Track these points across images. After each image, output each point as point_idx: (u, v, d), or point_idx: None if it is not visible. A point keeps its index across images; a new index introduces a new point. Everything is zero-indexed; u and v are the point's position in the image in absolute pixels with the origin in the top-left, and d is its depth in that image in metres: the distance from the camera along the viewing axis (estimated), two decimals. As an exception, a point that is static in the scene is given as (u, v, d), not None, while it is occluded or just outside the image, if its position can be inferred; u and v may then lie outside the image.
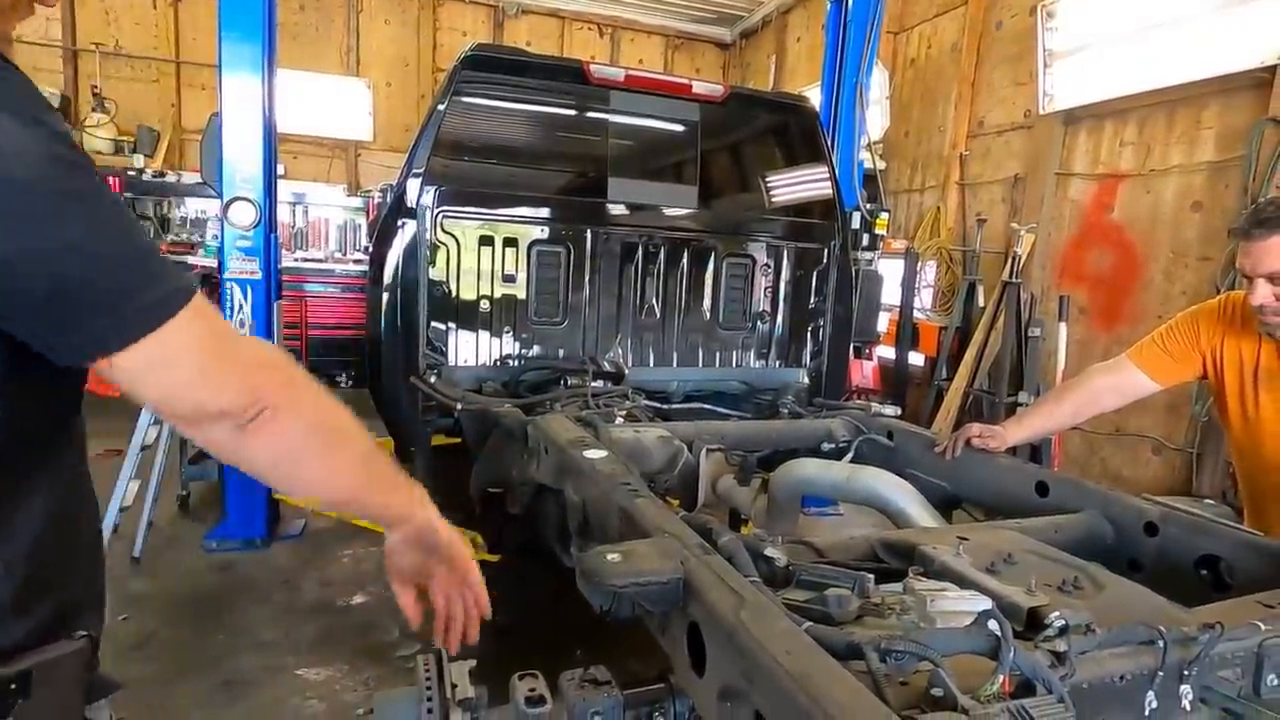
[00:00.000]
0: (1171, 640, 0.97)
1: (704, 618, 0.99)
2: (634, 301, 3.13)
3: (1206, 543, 1.45)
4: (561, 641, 2.82)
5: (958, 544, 1.30)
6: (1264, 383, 1.71)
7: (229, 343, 0.75)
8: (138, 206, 7.05)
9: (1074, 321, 4.68)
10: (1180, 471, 4.12)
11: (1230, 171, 3.91)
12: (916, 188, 6.43)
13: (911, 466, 2.17)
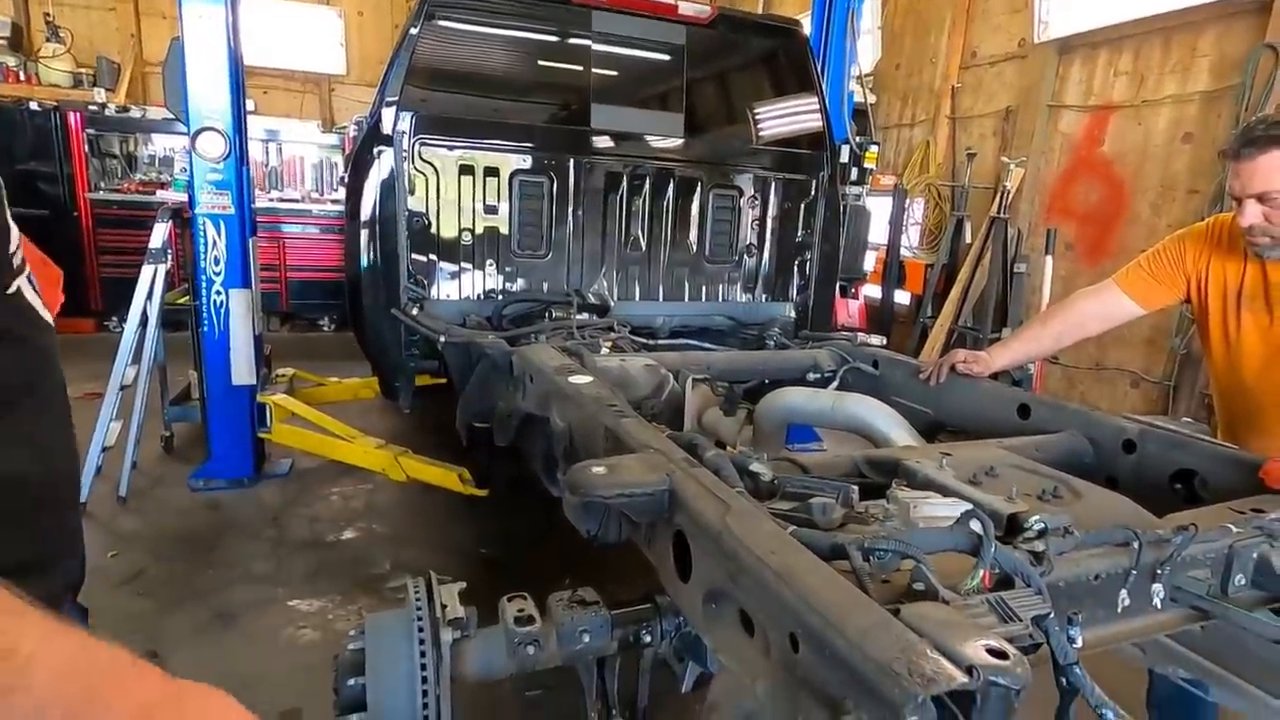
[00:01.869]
0: (1146, 541, 1.00)
1: (689, 524, 0.99)
2: (619, 234, 3.07)
3: (1182, 457, 1.48)
4: (550, 572, 2.87)
5: (941, 459, 1.32)
6: (1246, 304, 1.71)
7: None
8: (102, 144, 6.78)
9: (1060, 257, 4.68)
10: (1157, 403, 4.21)
11: (1223, 101, 3.86)
12: (906, 122, 6.31)
13: (896, 394, 2.19)
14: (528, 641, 1.43)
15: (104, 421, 3.39)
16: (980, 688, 0.64)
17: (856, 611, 0.72)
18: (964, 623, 0.72)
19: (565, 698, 2.02)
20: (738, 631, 0.87)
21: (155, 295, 3.46)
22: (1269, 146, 1.50)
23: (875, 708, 0.63)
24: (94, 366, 4.11)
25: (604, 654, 1.53)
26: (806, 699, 0.71)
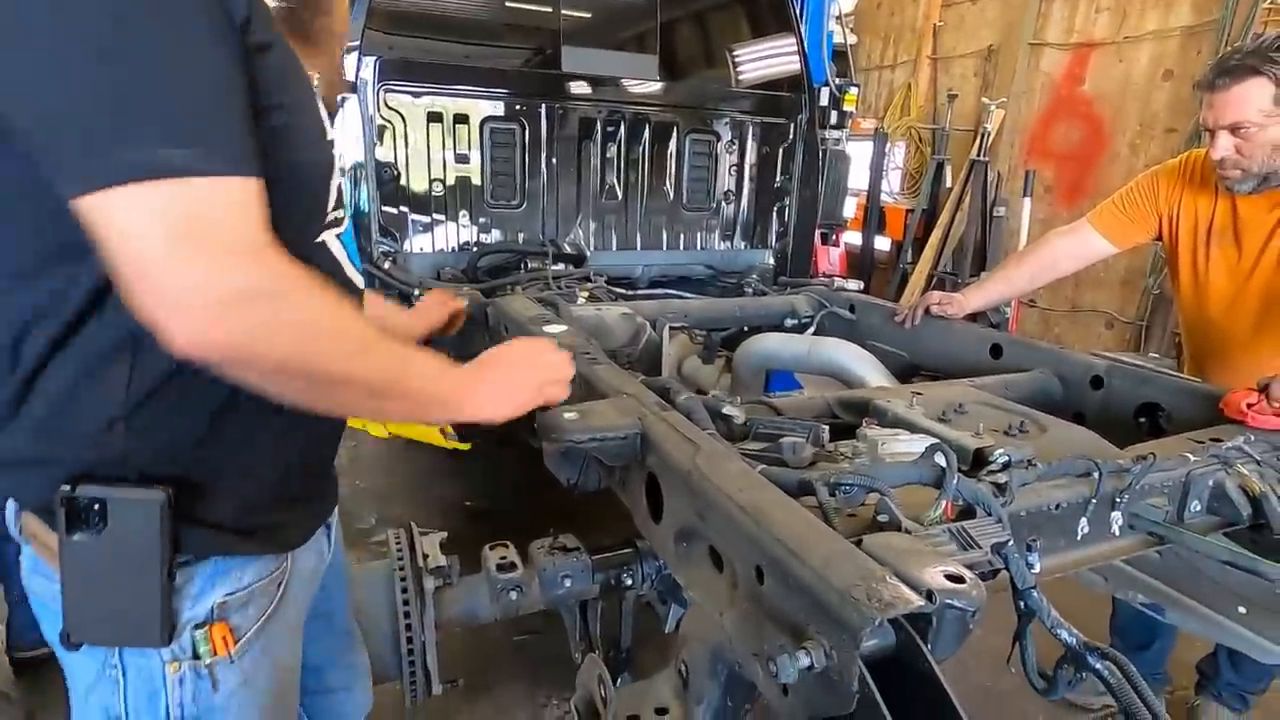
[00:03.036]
0: (1106, 471, 1.02)
1: (660, 466, 1.00)
2: (594, 183, 3.01)
3: (1148, 391, 1.51)
4: (534, 523, 2.91)
5: (911, 398, 1.33)
6: (1216, 239, 1.73)
7: (191, 261, 0.60)
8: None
9: (1038, 200, 4.68)
10: (1130, 343, 4.28)
11: (1204, 37, 3.82)
12: (888, 63, 6.19)
13: (872, 338, 2.20)
14: (510, 587, 1.47)
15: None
16: (937, 611, 0.66)
17: (820, 542, 0.73)
18: (924, 551, 0.74)
19: (553, 641, 2.07)
20: (707, 567, 0.89)
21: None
22: (1243, 76, 1.49)
23: (835, 632, 0.65)
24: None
25: (586, 597, 1.58)
26: (771, 627, 0.73)
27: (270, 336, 0.64)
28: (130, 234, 0.59)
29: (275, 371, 0.66)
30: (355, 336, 0.71)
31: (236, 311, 0.61)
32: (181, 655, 0.76)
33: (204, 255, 0.60)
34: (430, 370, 0.80)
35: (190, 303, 0.60)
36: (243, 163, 0.63)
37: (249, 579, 0.79)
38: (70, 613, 0.72)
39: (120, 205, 0.58)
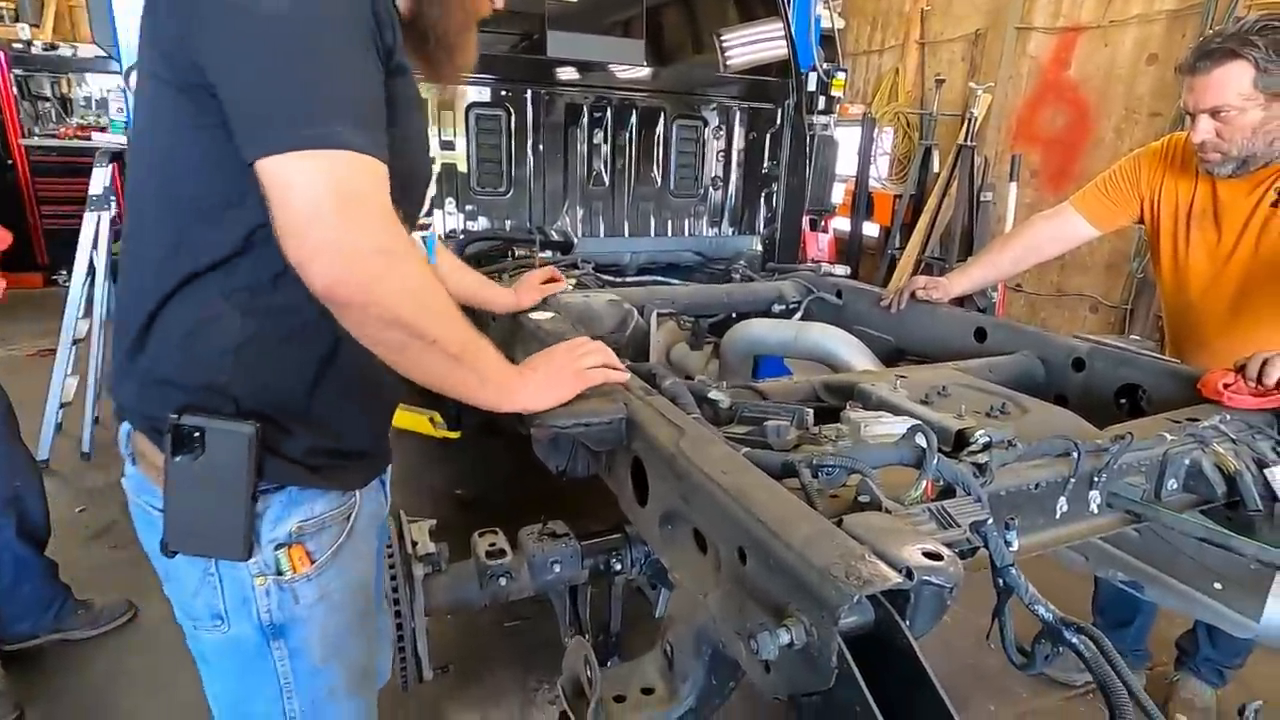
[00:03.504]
0: (1085, 451, 1.04)
1: (645, 450, 1.01)
2: (581, 169, 3.00)
3: (1129, 373, 1.53)
4: (524, 510, 2.91)
5: (895, 381, 1.34)
6: (1196, 222, 1.74)
7: (343, 216, 0.74)
8: (32, 86, 6.37)
9: (1024, 184, 4.70)
10: (1114, 327, 4.32)
11: (1188, 20, 3.84)
12: (876, 48, 6.18)
13: (859, 322, 2.21)
14: (499, 574, 1.47)
15: (59, 377, 3.30)
16: (915, 588, 0.67)
17: (801, 522, 0.74)
18: (904, 529, 0.75)
19: (543, 627, 2.08)
20: (691, 550, 0.89)
21: (101, 245, 3.32)
22: (1223, 59, 1.50)
23: (815, 610, 0.66)
24: (44, 323, 3.96)
25: (576, 583, 1.59)
26: (753, 606, 0.74)
27: (391, 288, 0.78)
28: (302, 189, 0.73)
29: (386, 320, 0.79)
30: (449, 305, 0.86)
31: (372, 262, 0.76)
32: (266, 570, 0.91)
33: (356, 214, 0.75)
34: (494, 355, 0.95)
35: (340, 249, 0.74)
36: (383, 151, 0.79)
37: (320, 509, 0.95)
38: (170, 525, 0.87)
39: (297, 166, 0.73)
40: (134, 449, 0.93)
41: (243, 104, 0.75)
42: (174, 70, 0.79)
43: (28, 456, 2.22)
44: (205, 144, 0.80)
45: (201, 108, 0.78)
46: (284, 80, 0.74)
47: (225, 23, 0.74)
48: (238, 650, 0.94)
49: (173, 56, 0.78)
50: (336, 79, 0.77)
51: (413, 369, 0.86)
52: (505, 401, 0.98)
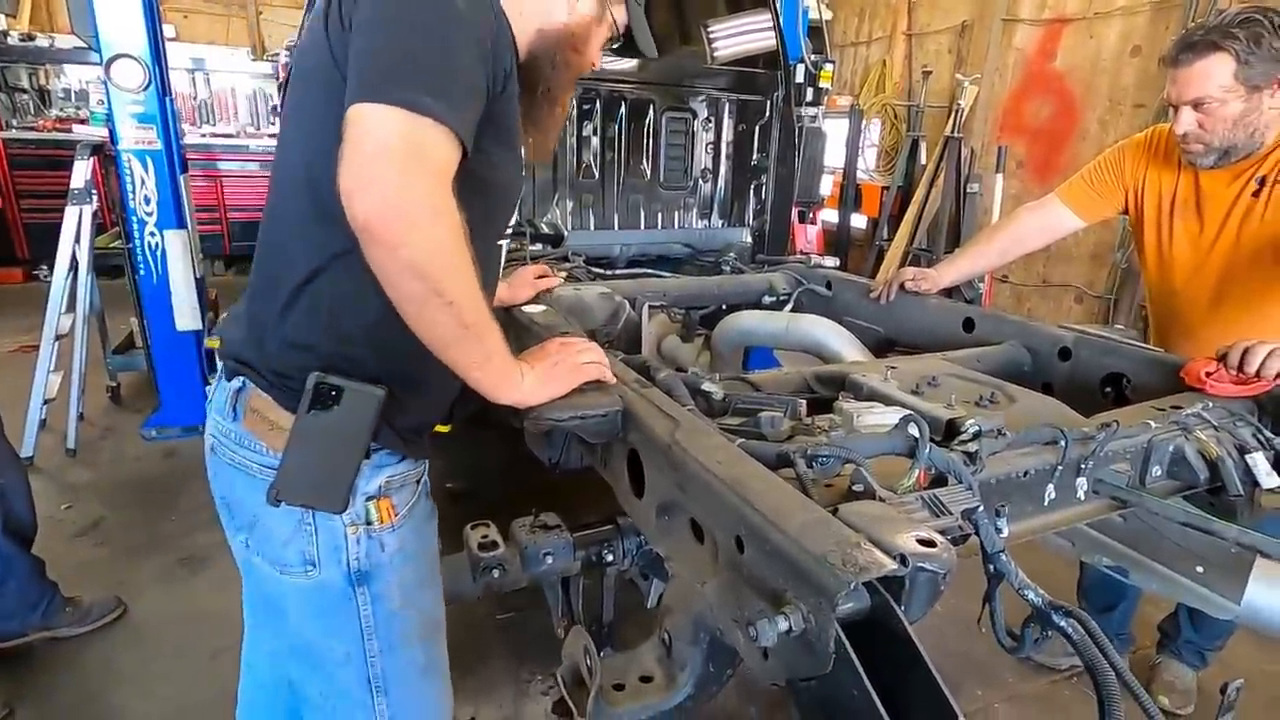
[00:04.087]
0: (1072, 439, 1.06)
1: (641, 441, 1.02)
2: (570, 162, 2.99)
3: (1113, 362, 1.55)
4: (516, 503, 2.91)
5: (886, 371, 1.36)
6: (1179, 212, 1.77)
7: (404, 163, 0.81)
8: (9, 77, 6.26)
9: (1010, 176, 4.74)
10: (1098, 316, 4.38)
11: (1172, 12, 3.87)
12: (863, 39, 6.19)
13: (849, 313, 2.22)
14: (492, 565, 1.48)
15: (42, 373, 3.27)
16: (909, 574, 0.68)
17: (797, 511, 0.75)
18: (897, 517, 0.76)
19: (536, 620, 2.09)
20: (688, 539, 0.90)
21: (83, 239, 3.28)
22: (1206, 51, 1.52)
23: (812, 596, 0.67)
24: (26, 318, 3.91)
25: (568, 574, 1.60)
26: (750, 594, 0.75)
27: (427, 239, 0.83)
28: (379, 132, 0.81)
29: (413, 267, 0.83)
30: (474, 277, 0.90)
31: (418, 209, 0.82)
32: (358, 520, 1.01)
33: (419, 165, 0.82)
34: (502, 340, 0.98)
35: (393, 186, 0.80)
36: (462, 131, 0.86)
37: (403, 469, 1.06)
38: (283, 477, 0.95)
39: (384, 114, 0.81)
40: (247, 406, 1.01)
41: (361, 59, 0.85)
42: (337, 53, 0.89)
43: (11, 454, 2.20)
44: None
45: None
46: (402, 48, 0.85)
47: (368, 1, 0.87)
48: (324, 594, 1.03)
49: (340, 30, 0.89)
50: (446, 61, 0.86)
51: (424, 327, 0.90)
52: (502, 391, 1.00)
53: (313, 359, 0.96)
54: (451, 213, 0.85)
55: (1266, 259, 1.62)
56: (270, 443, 0.98)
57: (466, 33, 0.89)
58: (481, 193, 0.93)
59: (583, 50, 1.13)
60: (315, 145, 0.92)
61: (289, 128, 1.03)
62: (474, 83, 0.89)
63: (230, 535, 1.10)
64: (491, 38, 0.93)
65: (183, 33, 6.89)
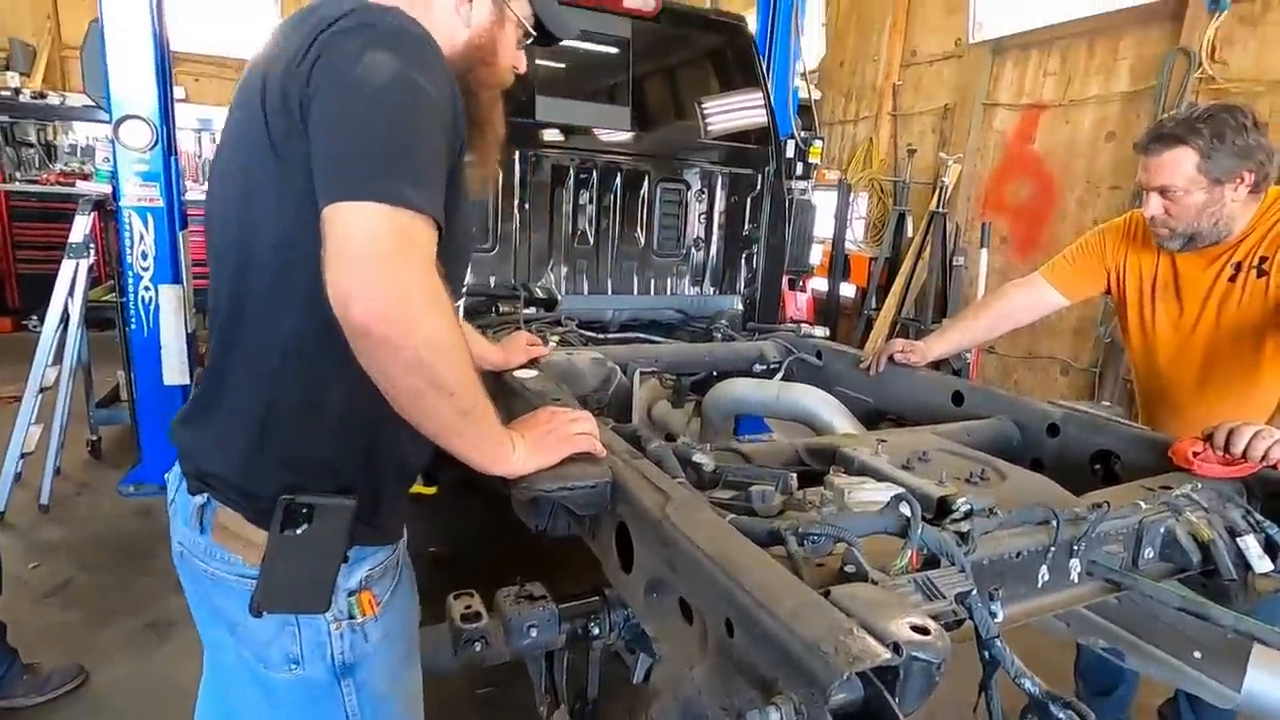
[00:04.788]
0: (1064, 519, 1.05)
1: (631, 515, 1.00)
2: (566, 227, 3.05)
3: (1102, 439, 1.56)
4: (500, 570, 2.83)
5: (877, 445, 1.36)
6: (1160, 294, 1.82)
7: (395, 260, 0.80)
8: (17, 132, 6.39)
9: (995, 250, 4.87)
10: (1085, 391, 4.42)
11: (1143, 101, 4.07)
12: (850, 118, 6.45)
13: (839, 383, 2.24)
14: (474, 638, 1.42)
15: (22, 426, 3.21)
16: (903, 663, 0.66)
17: (788, 594, 0.74)
18: (890, 602, 0.75)
19: (517, 694, 2.01)
20: (677, 619, 0.88)
21: (77, 292, 3.28)
22: (1172, 144, 1.60)
23: (804, 686, 0.65)
24: (12, 368, 3.87)
25: (552, 648, 1.54)
26: (740, 681, 0.72)
27: (426, 334, 0.82)
28: (365, 229, 0.79)
29: (413, 364, 0.83)
30: (470, 361, 0.90)
31: (416, 304, 0.81)
32: (340, 616, 1.00)
33: (409, 258, 0.81)
34: (495, 418, 0.98)
35: (389, 284, 0.79)
36: (441, 218, 0.86)
37: (382, 556, 1.06)
38: (264, 590, 0.93)
39: (366, 211, 0.79)
40: (215, 522, 0.99)
41: (330, 158, 0.84)
42: (281, 134, 0.88)
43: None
44: (299, 222, 0.86)
45: (298, 183, 0.86)
46: (377, 141, 0.83)
47: (333, 88, 0.84)
48: (309, 689, 1.02)
49: (287, 121, 0.87)
50: (414, 148, 0.85)
51: (421, 418, 0.89)
52: (495, 465, 0.99)
53: (282, 475, 0.94)
54: (444, 300, 0.85)
55: (1247, 342, 1.66)
56: (246, 556, 0.97)
57: (437, 116, 0.88)
58: (439, 255, 0.90)
59: (493, 61, 1.09)
60: (257, 239, 0.92)
61: (222, 215, 0.99)
62: (444, 162, 0.90)
63: (202, 629, 1.08)
64: (455, 110, 0.92)
65: (193, 94, 7.11)
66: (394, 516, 1.09)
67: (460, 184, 0.97)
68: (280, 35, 0.95)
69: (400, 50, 0.86)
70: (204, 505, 0.99)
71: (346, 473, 0.97)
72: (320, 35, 0.87)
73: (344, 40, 0.86)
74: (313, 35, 0.87)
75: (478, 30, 1.06)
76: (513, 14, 1.09)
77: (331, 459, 0.97)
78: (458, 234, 1.01)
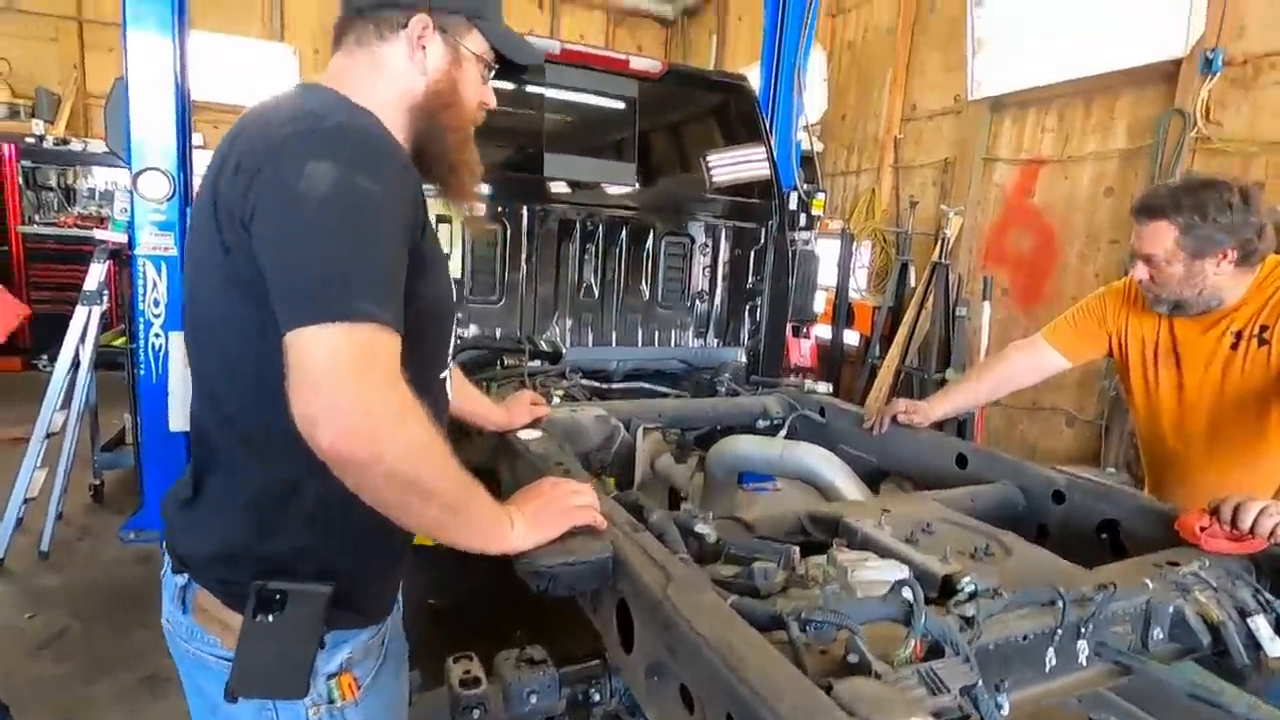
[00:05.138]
0: (1070, 600, 1.04)
1: (632, 594, 1.00)
2: (572, 280, 3.09)
3: (1107, 508, 1.55)
4: (501, 624, 2.79)
5: (880, 516, 1.35)
6: (1162, 359, 1.82)
7: (356, 379, 0.80)
8: (38, 177, 6.56)
9: (997, 302, 4.89)
10: (1090, 442, 4.39)
11: (1140, 159, 4.14)
12: (852, 170, 6.56)
13: (842, 441, 2.24)
14: (473, 705, 1.40)
15: (27, 470, 3.22)
16: (907, 767, 0.65)
17: (790, 690, 0.73)
18: (894, 698, 0.74)
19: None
20: (678, 707, 0.87)
21: (89, 338, 3.32)
22: (1156, 215, 1.64)
23: (806, 792, 0.64)
24: (19, 409, 3.89)
25: (552, 714, 1.51)
26: (742, 782, 0.71)
27: (397, 449, 0.83)
28: (324, 352, 0.79)
29: (389, 479, 0.84)
30: (448, 460, 0.90)
31: (381, 422, 0.81)
32: (320, 700, 0.99)
33: (371, 376, 0.81)
34: (487, 501, 0.98)
35: (352, 407, 0.79)
36: (400, 322, 0.85)
37: (365, 637, 1.04)
38: (238, 674, 0.92)
39: (323, 333, 0.79)
40: (194, 603, 0.99)
41: (282, 281, 0.83)
42: (232, 241, 0.88)
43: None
44: (260, 319, 0.86)
45: (255, 285, 0.86)
46: (325, 258, 0.82)
47: (275, 204, 0.84)
48: None
49: (232, 227, 0.87)
50: (365, 255, 0.84)
51: (410, 522, 0.90)
52: (493, 545, 0.99)
53: (256, 560, 0.94)
54: (413, 408, 0.85)
55: (1251, 410, 1.66)
56: (224, 639, 0.96)
57: (385, 212, 0.87)
58: (417, 336, 0.91)
59: (456, 102, 1.07)
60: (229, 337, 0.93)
61: (193, 313, 1.00)
62: (401, 263, 0.89)
63: (189, 703, 1.08)
64: (410, 200, 0.92)
65: (210, 141, 7.29)
66: (379, 598, 1.08)
67: (427, 257, 0.97)
68: (230, 138, 0.94)
69: (341, 155, 0.85)
70: (185, 586, 1.00)
71: (326, 558, 0.97)
72: (262, 145, 0.87)
73: (284, 154, 0.85)
74: (257, 143, 0.87)
75: (435, 75, 1.04)
76: (469, 52, 1.07)
77: (310, 545, 0.96)
78: (438, 306, 1.03)
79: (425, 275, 0.95)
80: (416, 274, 0.92)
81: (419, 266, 0.93)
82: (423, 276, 0.94)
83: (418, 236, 0.94)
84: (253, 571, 0.93)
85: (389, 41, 1.02)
